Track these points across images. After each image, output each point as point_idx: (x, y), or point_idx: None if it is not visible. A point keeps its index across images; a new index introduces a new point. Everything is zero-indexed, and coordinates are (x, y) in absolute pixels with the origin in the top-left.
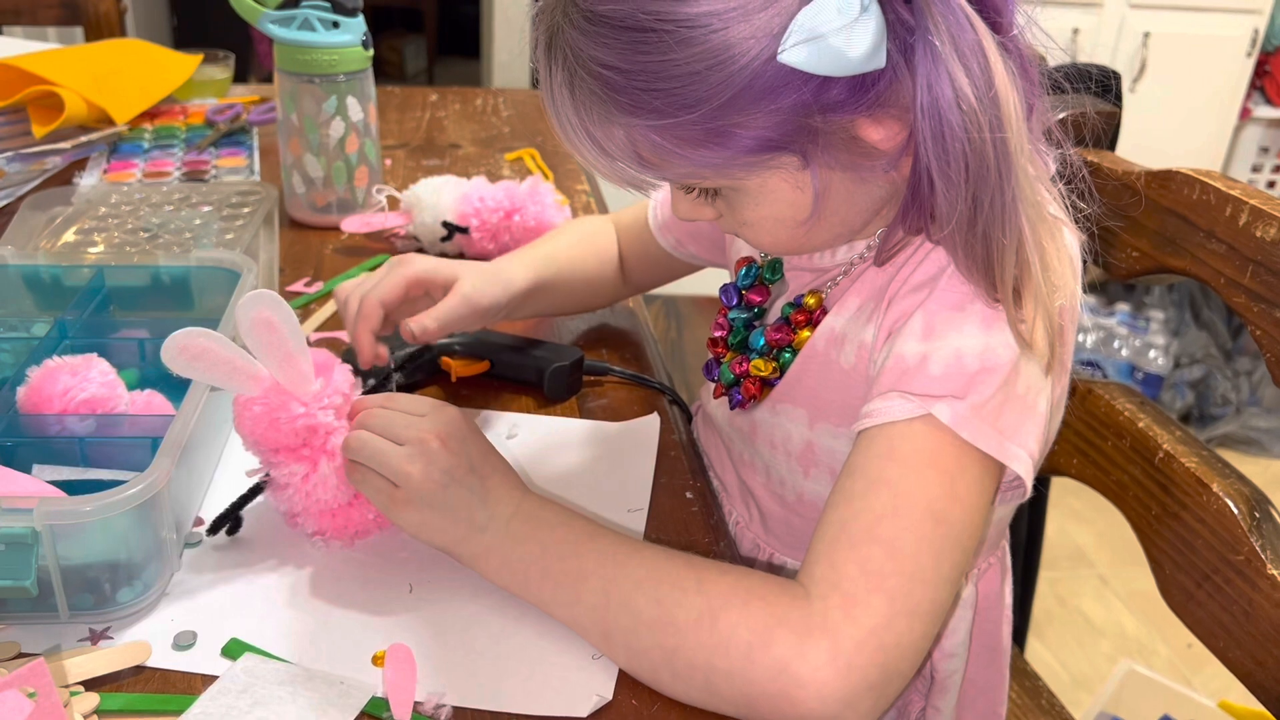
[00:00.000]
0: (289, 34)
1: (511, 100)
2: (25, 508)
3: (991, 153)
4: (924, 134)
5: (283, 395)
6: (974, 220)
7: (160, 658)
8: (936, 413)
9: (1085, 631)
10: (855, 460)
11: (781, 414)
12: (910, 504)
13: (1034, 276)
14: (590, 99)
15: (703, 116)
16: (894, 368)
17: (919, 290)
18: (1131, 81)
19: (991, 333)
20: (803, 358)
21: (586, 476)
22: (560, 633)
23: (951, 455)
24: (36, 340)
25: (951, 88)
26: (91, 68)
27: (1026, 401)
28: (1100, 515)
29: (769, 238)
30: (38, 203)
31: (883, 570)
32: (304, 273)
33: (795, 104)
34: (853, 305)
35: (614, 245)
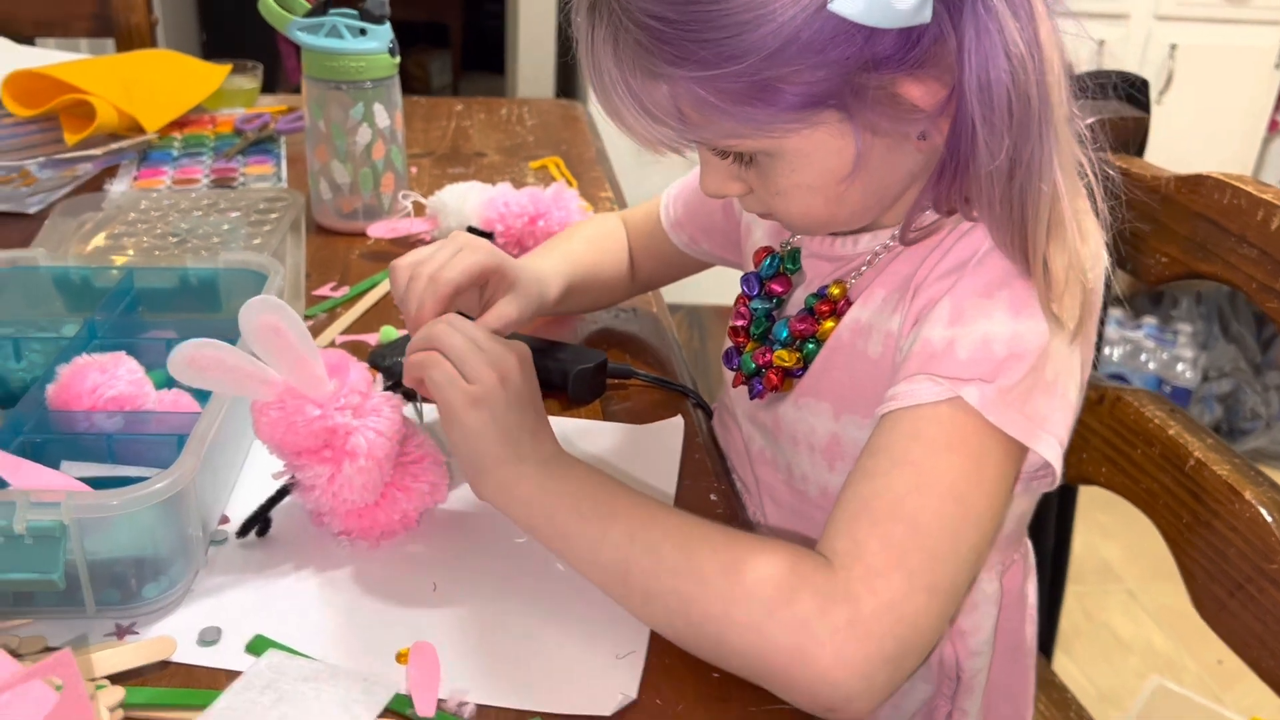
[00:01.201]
0: (317, 41)
1: (536, 110)
2: (53, 501)
3: (1035, 99)
4: (970, 83)
5: (298, 398)
6: (1012, 174)
7: (185, 653)
8: (964, 395)
9: (1113, 647)
10: (879, 440)
11: (805, 408)
12: (933, 484)
13: (1067, 233)
14: (635, 52)
15: (749, 68)
16: (921, 352)
17: (946, 277)
18: (1158, 94)
19: (1020, 319)
20: (828, 349)
21: None
22: (585, 631)
23: (976, 439)
24: (66, 340)
25: (1001, 34)
26: (122, 77)
27: (1056, 388)
28: (1128, 529)
29: (801, 208)
30: (69, 208)
31: (904, 546)
32: (330, 277)
33: (842, 58)
34: (879, 296)
35: (625, 246)
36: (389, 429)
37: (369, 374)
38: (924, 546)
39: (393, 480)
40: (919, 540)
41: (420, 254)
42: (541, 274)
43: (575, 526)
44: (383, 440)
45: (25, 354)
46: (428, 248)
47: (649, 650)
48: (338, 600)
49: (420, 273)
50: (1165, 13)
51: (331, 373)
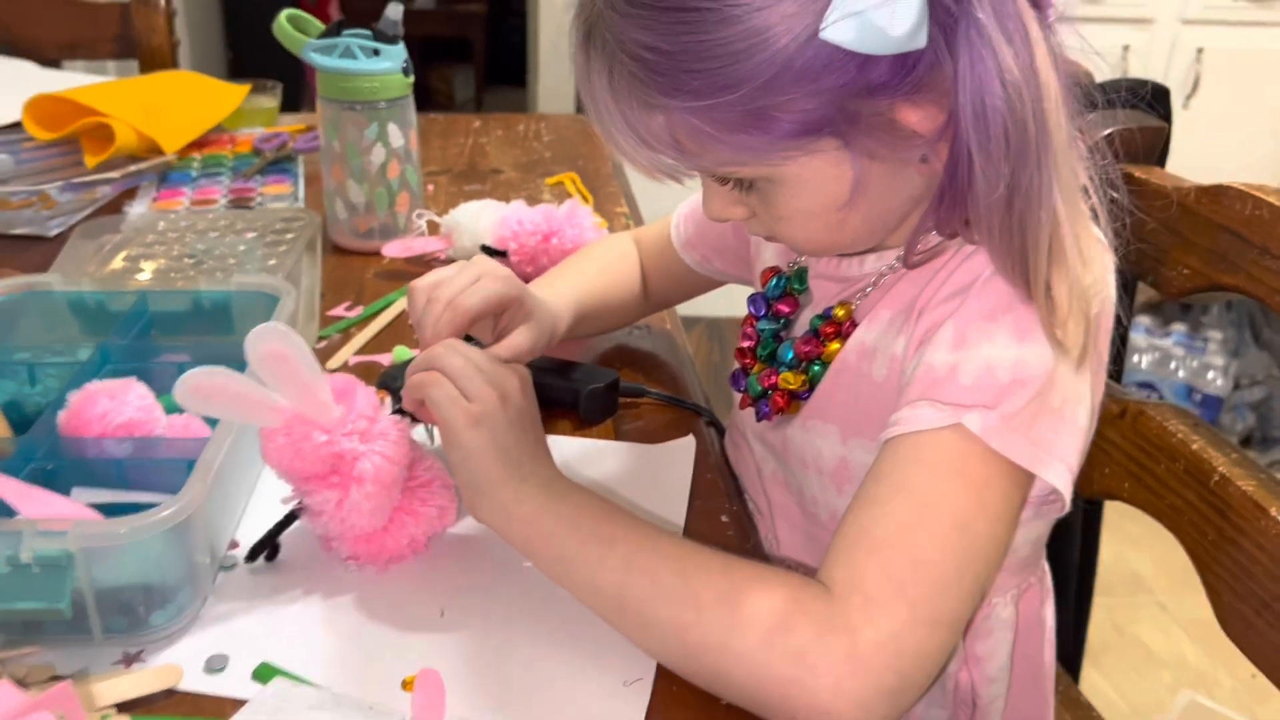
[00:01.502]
0: (331, 62)
1: (553, 125)
2: (60, 530)
3: (1032, 127)
4: (965, 110)
5: (305, 424)
6: (1011, 202)
7: (192, 681)
8: (966, 422)
9: (1144, 661)
10: (881, 467)
11: (812, 431)
12: (935, 513)
13: (1069, 262)
14: (629, 84)
15: (743, 98)
16: (924, 377)
17: (951, 300)
18: (1184, 99)
19: (1025, 344)
20: (833, 372)
21: (621, 499)
22: (592, 658)
23: (979, 466)
24: (80, 365)
25: (995, 61)
26: (142, 99)
27: (1063, 414)
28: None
29: (804, 233)
30: (88, 231)
31: (903, 577)
32: (345, 297)
33: (837, 85)
34: (884, 318)
35: (637, 267)
36: (396, 453)
37: (376, 398)
38: (925, 577)
39: (401, 504)
40: (919, 570)
41: (440, 276)
42: (554, 306)
43: (573, 550)
44: (390, 465)
45: (40, 379)
46: (448, 269)
47: (656, 678)
48: (344, 627)
49: (438, 296)
50: (1191, 16)
51: (338, 398)
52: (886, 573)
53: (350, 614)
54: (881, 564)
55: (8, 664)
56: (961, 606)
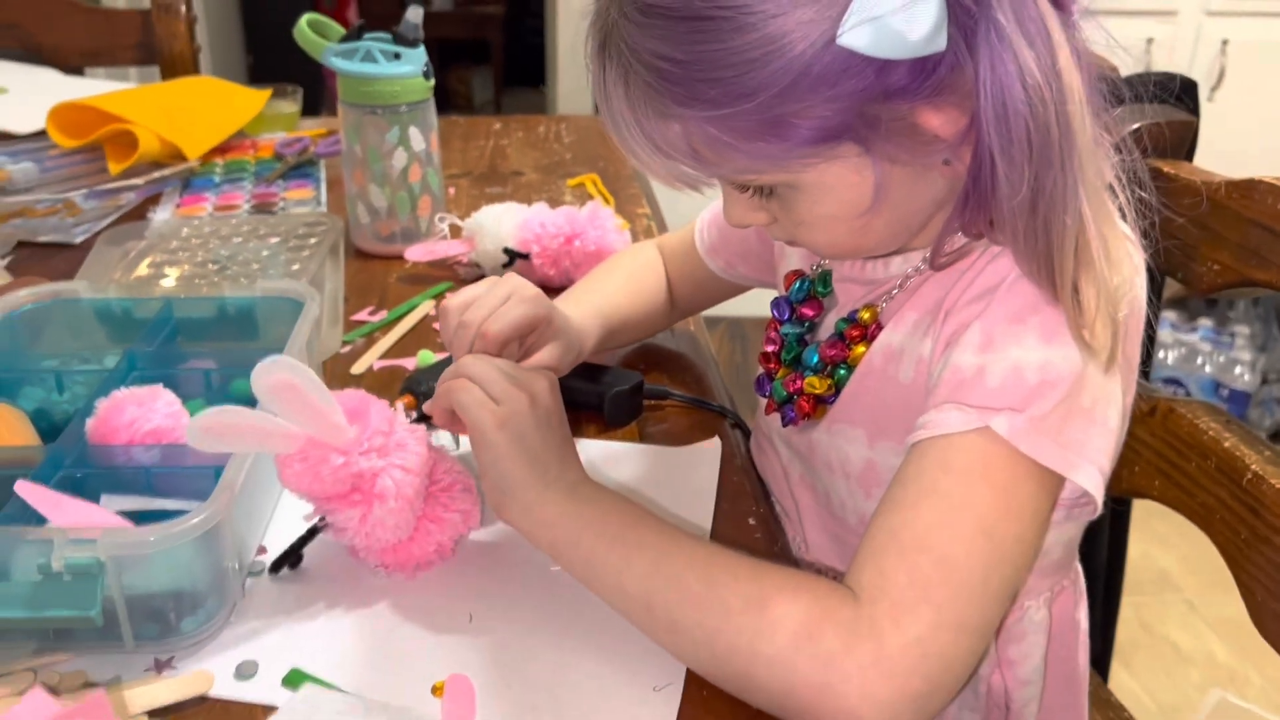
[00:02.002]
0: (351, 66)
1: (574, 126)
2: (90, 538)
3: (1055, 129)
4: (987, 113)
5: (320, 448)
6: (1035, 205)
7: (222, 687)
8: (994, 425)
9: (1173, 660)
10: (907, 470)
11: (838, 435)
12: (962, 517)
13: (1095, 264)
14: (645, 94)
15: (760, 106)
16: (950, 379)
17: (977, 301)
18: (1210, 91)
19: (1052, 346)
20: (859, 375)
21: (648, 502)
22: (621, 663)
23: (1007, 470)
24: (107, 372)
25: (1016, 63)
26: (164, 105)
27: (1093, 415)
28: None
29: (826, 238)
30: (113, 237)
31: (930, 581)
32: (369, 301)
33: (855, 90)
34: (910, 319)
35: (663, 277)
36: (416, 464)
37: (390, 411)
38: (952, 581)
39: (425, 512)
40: (946, 574)
41: (470, 296)
42: (581, 324)
43: (600, 553)
44: (410, 477)
45: (68, 386)
46: (478, 287)
47: (686, 682)
48: (373, 632)
49: (469, 320)
50: (1216, 8)
51: (352, 417)
52: (913, 577)
53: (379, 619)
54: (908, 568)
55: (40, 672)
56: (990, 610)
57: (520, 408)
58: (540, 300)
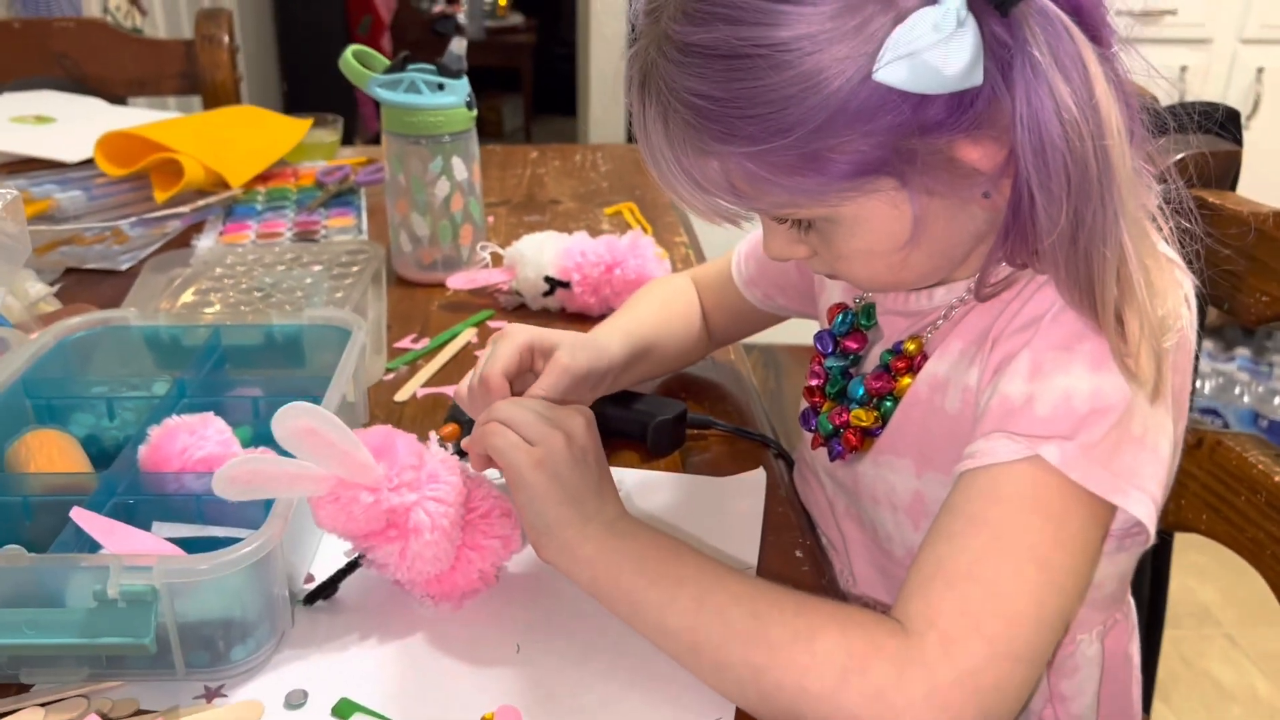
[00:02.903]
0: (396, 97)
1: (609, 155)
2: (145, 565)
3: (1093, 163)
4: (1024, 148)
5: (350, 488)
6: (1075, 237)
7: (272, 716)
8: (1044, 454)
9: (1214, 695)
10: (955, 500)
11: (884, 466)
12: (1012, 547)
13: (1138, 296)
14: (684, 131)
15: (798, 141)
16: (999, 408)
17: (1025, 330)
18: (1245, 119)
19: (1101, 373)
20: (905, 405)
21: (692, 533)
22: (670, 695)
23: (1057, 499)
24: (157, 399)
25: (1052, 98)
26: (208, 134)
27: (1145, 443)
28: (1226, 571)
29: (866, 272)
30: (159, 265)
31: (981, 612)
32: (411, 329)
33: (892, 125)
34: (955, 349)
35: (696, 304)
36: (449, 495)
37: (418, 444)
38: (1003, 612)
39: (464, 540)
40: (998, 605)
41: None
42: (596, 341)
43: (641, 591)
44: (445, 508)
45: (118, 413)
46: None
47: (737, 714)
48: (422, 661)
49: (474, 384)
50: (1250, 35)
51: (379, 454)
52: (964, 608)
53: (427, 650)
54: (958, 599)
55: (93, 698)
56: (1042, 641)
57: (556, 446)
58: (525, 331)
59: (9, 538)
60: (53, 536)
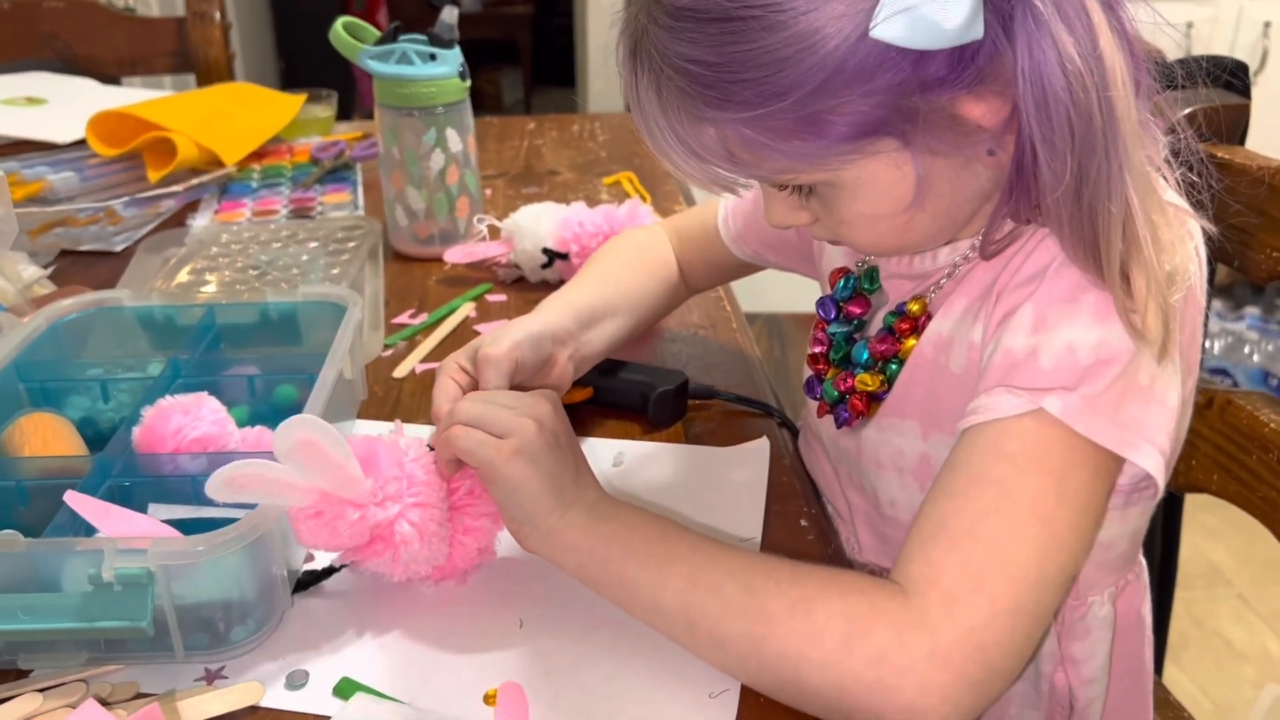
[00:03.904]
0: (387, 68)
1: (607, 125)
2: (140, 548)
3: (1098, 115)
4: (1026, 101)
5: (336, 504)
6: (1079, 192)
7: (273, 697)
8: (1046, 406)
9: (1226, 655)
10: (957, 457)
11: (890, 429)
12: (1014, 503)
13: (1144, 252)
14: (678, 98)
15: (795, 104)
16: (1001, 362)
17: (1028, 283)
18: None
19: (1107, 324)
20: (910, 367)
21: (695, 504)
22: (675, 668)
23: (1060, 453)
24: (151, 380)
25: (1055, 49)
26: (201, 112)
27: (1152, 394)
28: (1236, 532)
29: (869, 236)
30: (153, 245)
31: (983, 570)
32: (409, 304)
33: (892, 84)
34: (959, 306)
35: (669, 256)
36: (430, 496)
37: (397, 450)
38: (1005, 570)
39: (455, 527)
40: (999, 563)
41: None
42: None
43: (631, 573)
44: (428, 510)
45: (113, 394)
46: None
47: (743, 688)
48: (423, 640)
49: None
50: None
51: (365, 468)
52: (965, 567)
53: (429, 627)
54: (959, 558)
55: (92, 683)
56: (1046, 598)
57: (528, 434)
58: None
59: (3, 522)
60: (48, 520)
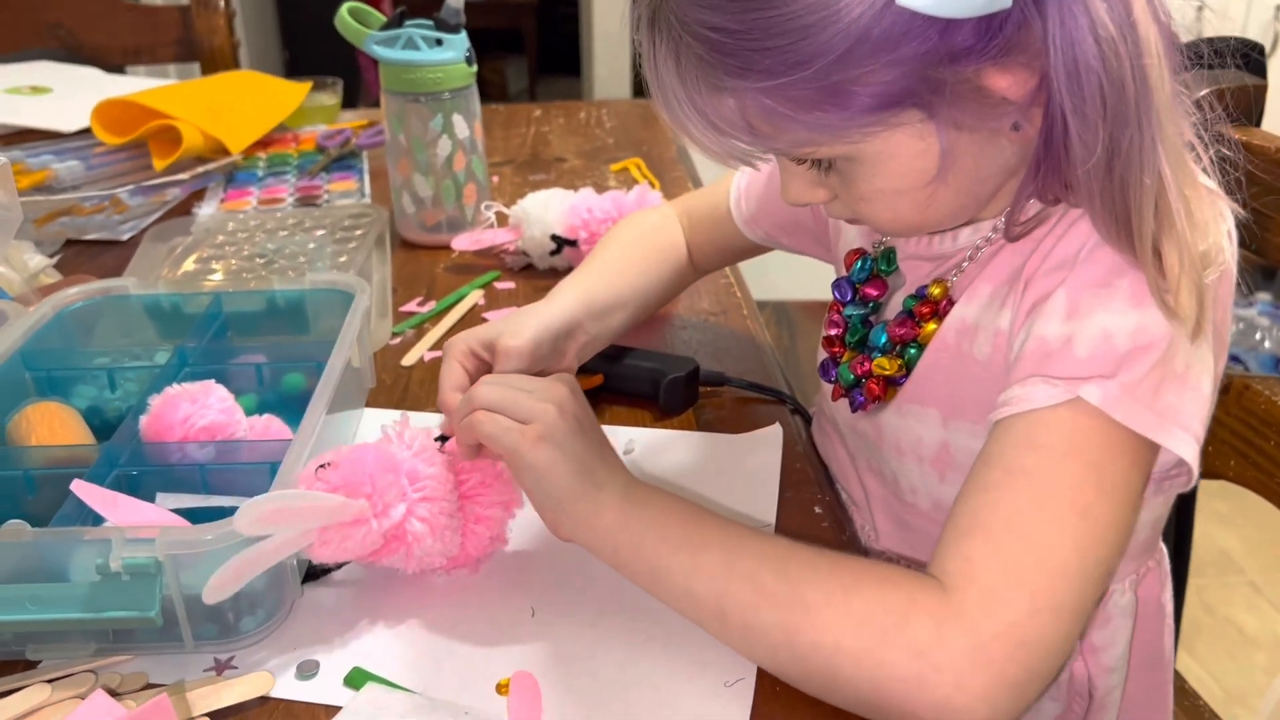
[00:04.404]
0: (393, 54)
1: (614, 111)
2: (148, 538)
3: (1131, 85)
4: (1057, 70)
5: (339, 530)
6: (1111, 165)
7: (284, 687)
8: (1085, 394)
9: (1238, 643)
10: (992, 449)
11: (909, 415)
12: (1052, 496)
13: (1176, 225)
14: (697, 67)
15: (817, 73)
16: (1035, 351)
17: (1060, 268)
18: None
19: (1143, 309)
20: (932, 352)
21: (708, 491)
22: (690, 657)
23: (1099, 444)
24: (159, 369)
25: (1088, 15)
26: (206, 100)
27: (1188, 380)
28: (1248, 518)
29: (889, 213)
30: (160, 234)
31: (1023, 565)
32: (417, 292)
33: (917, 53)
34: (985, 291)
35: (678, 239)
36: (438, 488)
37: (388, 454)
38: (1045, 564)
39: (465, 517)
40: (1039, 557)
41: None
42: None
43: (665, 557)
44: (436, 504)
45: (120, 384)
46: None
47: (758, 676)
48: (435, 629)
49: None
50: None
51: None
52: (1004, 562)
53: (440, 616)
54: (997, 553)
55: (101, 673)
56: (1086, 593)
57: (550, 418)
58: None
59: (11, 512)
60: (55, 510)
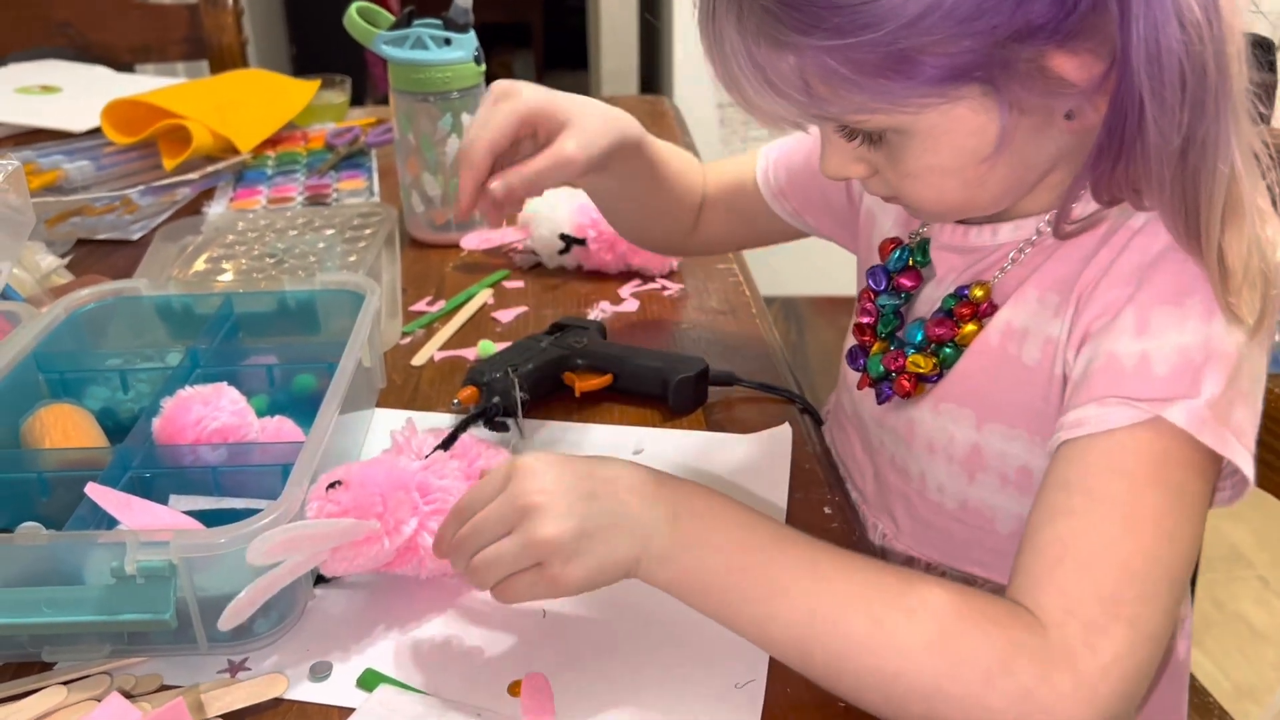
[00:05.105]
0: (402, 53)
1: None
2: (162, 540)
3: (1212, 73)
4: (1138, 52)
5: (353, 549)
6: (1185, 154)
7: (297, 689)
8: (1169, 416)
9: (1247, 638)
10: (1068, 473)
11: (945, 415)
12: (1140, 523)
13: (1245, 219)
14: (761, 20)
15: (886, 37)
16: (1107, 369)
17: (1124, 283)
18: None
19: (1214, 323)
20: (973, 354)
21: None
22: (700, 658)
23: (1178, 466)
24: (171, 370)
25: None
26: (215, 99)
27: (1251, 396)
28: (1257, 512)
29: (933, 192)
30: (170, 233)
31: (1119, 596)
32: (426, 291)
33: (989, 27)
34: (1032, 297)
35: (699, 179)
36: (448, 502)
37: (397, 467)
38: (1139, 594)
39: None
40: (1134, 588)
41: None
42: (613, 110)
43: (734, 607)
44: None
45: (132, 385)
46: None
47: (769, 678)
48: (446, 630)
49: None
50: None
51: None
52: (1100, 593)
53: (451, 617)
54: (1093, 584)
55: (116, 675)
56: (1172, 614)
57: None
58: (533, 93)
59: (25, 515)
60: (69, 513)
